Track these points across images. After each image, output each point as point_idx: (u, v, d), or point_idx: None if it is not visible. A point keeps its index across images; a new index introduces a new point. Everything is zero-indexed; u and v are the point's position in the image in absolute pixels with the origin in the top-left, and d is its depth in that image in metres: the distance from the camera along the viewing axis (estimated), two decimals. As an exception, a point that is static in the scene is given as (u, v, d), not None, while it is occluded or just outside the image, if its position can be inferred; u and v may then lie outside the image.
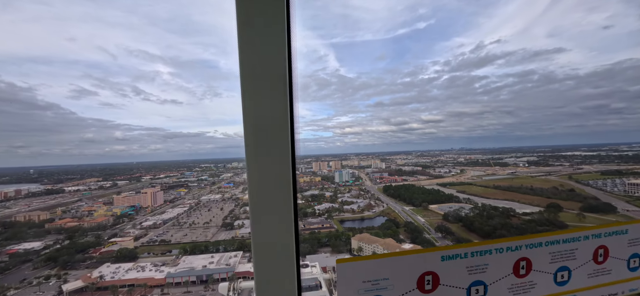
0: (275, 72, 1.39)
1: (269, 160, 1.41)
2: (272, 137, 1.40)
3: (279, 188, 1.42)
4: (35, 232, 54.52)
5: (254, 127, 1.39)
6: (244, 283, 12.09)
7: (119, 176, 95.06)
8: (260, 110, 1.39)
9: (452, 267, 1.65)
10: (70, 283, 41.94)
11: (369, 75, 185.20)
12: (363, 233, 56.95)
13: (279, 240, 1.46)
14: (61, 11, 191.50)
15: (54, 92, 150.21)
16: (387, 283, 1.54)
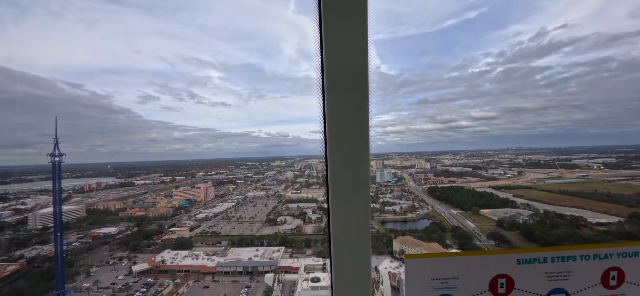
0: (357, 71, 1.41)
1: (351, 159, 1.44)
2: (354, 136, 1.43)
3: (358, 187, 1.46)
4: (111, 219, 63.12)
5: (339, 126, 1.42)
6: (288, 276, 12.53)
7: (177, 172, 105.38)
8: (344, 110, 1.42)
9: (530, 271, 1.55)
10: (138, 264, 47.74)
11: (412, 72, 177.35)
12: (406, 236, 54.90)
13: (356, 237, 1.50)
14: (131, 27, 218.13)
15: (126, 98, 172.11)
16: (457, 283, 1.51)
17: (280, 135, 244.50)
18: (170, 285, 42.33)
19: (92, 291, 40.72)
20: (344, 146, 1.45)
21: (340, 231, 1.51)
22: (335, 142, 1.44)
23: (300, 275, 11.61)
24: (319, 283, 10.99)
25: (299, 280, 11.31)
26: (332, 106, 1.43)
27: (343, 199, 1.48)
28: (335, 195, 1.49)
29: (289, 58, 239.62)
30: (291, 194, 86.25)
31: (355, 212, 1.50)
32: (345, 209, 1.49)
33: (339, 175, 1.47)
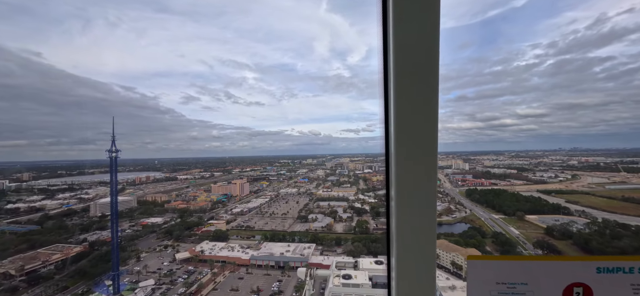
0: (427, 70, 1.37)
1: (418, 158, 1.40)
2: (421, 136, 1.40)
3: (424, 186, 1.42)
4: (158, 210, 68.74)
5: (406, 125, 1.39)
6: (320, 271, 12.66)
7: (215, 168, 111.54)
8: (413, 109, 1.39)
9: (612, 282, 1.39)
10: (180, 253, 51.44)
11: (449, 67, 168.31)
12: (440, 240, 52.42)
13: (421, 237, 1.45)
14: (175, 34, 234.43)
15: (171, 99, 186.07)
16: (526, 289, 1.40)
17: (312, 134, 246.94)
18: (208, 273, 44.98)
19: (141, 274, 44.73)
20: (411, 144, 1.41)
21: (404, 231, 1.46)
22: (402, 141, 1.41)
23: (331, 271, 11.65)
24: (351, 280, 10.92)
25: (330, 276, 11.36)
26: (400, 104, 1.40)
27: (408, 198, 1.44)
28: (401, 194, 1.44)
29: (321, 57, 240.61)
30: (322, 192, 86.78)
31: (420, 212, 1.45)
32: (411, 209, 1.45)
33: (405, 175, 1.42)
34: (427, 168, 1.42)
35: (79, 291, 39.54)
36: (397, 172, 1.42)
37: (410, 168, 1.42)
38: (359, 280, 11.06)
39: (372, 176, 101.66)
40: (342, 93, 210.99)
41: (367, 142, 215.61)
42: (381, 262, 12.97)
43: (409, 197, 1.44)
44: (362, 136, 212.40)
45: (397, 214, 1.46)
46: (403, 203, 1.44)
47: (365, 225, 60.61)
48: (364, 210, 69.87)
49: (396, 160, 1.42)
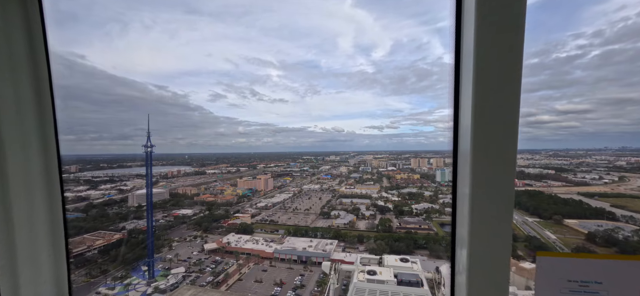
0: (511, 63, 1.31)
1: (497, 157, 1.34)
2: (501, 133, 1.34)
3: (502, 186, 1.36)
4: (188, 202, 72.36)
5: (485, 123, 1.34)
6: (344, 265, 12.70)
7: (241, 163, 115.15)
8: (494, 105, 1.33)
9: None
10: (208, 243, 53.87)
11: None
12: (469, 241, 50.26)
13: (495, 239, 1.39)
14: (204, 34, 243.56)
15: (199, 97, 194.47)
16: (600, 287, 1.34)
17: (335, 130, 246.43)
18: (234, 265, 46.73)
19: (173, 262, 47.45)
20: (490, 141, 1.35)
21: (478, 234, 1.40)
22: (480, 140, 1.35)
23: (356, 266, 11.66)
24: (375, 276, 10.88)
25: (354, 271, 11.37)
26: (480, 99, 1.34)
27: (485, 199, 1.38)
28: (476, 194, 1.38)
29: (345, 53, 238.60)
30: (345, 189, 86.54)
31: (497, 215, 1.38)
32: (486, 210, 1.38)
33: (482, 174, 1.37)
34: (506, 167, 1.35)
35: (119, 275, 42.80)
36: (474, 171, 1.37)
37: (488, 167, 1.36)
38: (383, 277, 10.97)
39: (396, 174, 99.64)
40: (366, 89, 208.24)
41: (391, 139, 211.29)
42: (406, 260, 12.72)
43: (486, 198, 1.37)
44: (386, 133, 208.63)
45: (472, 215, 1.40)
46: (478, 204, 1.38)
47: (388, 224, 59.71)
48: (387, 208, 68.79)
49: (473, 158, 1.37)
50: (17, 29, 1.59)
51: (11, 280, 1.55)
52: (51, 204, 1.77)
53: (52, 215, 1.78)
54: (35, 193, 1.68)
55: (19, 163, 1.60)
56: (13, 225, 1.53)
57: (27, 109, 1.64)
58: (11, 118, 1.57)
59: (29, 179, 1.65)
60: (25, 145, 1.64)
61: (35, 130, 1.69)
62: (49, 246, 1.75)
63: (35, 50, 1.66)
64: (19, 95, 1.61)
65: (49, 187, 1.76)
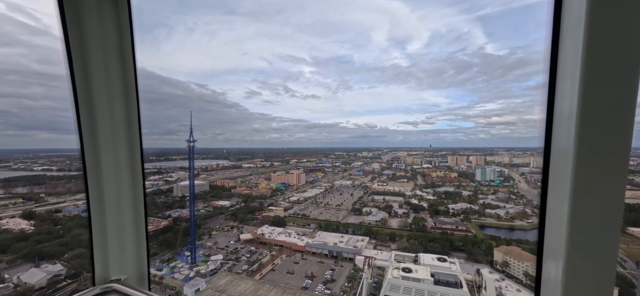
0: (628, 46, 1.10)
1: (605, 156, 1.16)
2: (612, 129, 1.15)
3: (609, 190, 1.18)
4: (226, 194, 76.66)
5: (594, 115, 1.16)
6: (378, 261, 12.60)
7: (274, 158, 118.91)
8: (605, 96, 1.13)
9: None
10: (244, 234, 56.67)
11: (529, 49, 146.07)
12: (511, 246, 46.86)
13: (598, 253, 1.22)
14: (241, 34, 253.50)
15: (236, 94, 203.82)
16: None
17: (368, 126, 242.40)
18: (267, 255, 48.65)
19: (212, 249, 50.79)
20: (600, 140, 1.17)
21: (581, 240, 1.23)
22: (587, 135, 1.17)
23: (390, 263, 11.53)
24: (411, 274, 10.68)
25: (389, 267, 11.26)
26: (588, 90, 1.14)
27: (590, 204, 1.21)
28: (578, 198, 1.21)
29: (379, 46, 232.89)
30: (377, 186, 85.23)
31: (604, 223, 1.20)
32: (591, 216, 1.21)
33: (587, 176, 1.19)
34: (616, 167, 1.16)
35: (166, 258, 47.00)
36: (576, 172, 1.20)
37: (595, 167, 1.17)
38: (419, 275, 10.71)
39: (432, 171, 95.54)
40: (400, 83, 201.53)
41: (426, 135, 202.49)
42: (444, 259, 12.26)
43: (589, 203, 1.19)
44: (421, 129, 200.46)
45: (571, 224, 1.22)
46: (579, 211, 1.20)
47: (422, 223, 57.71)
48: (422, 207, 66.45)
49: (577, 156, 1.18)
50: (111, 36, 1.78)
51: (103, 254, 1.92)
52: (135, 191, 2.04)
53: (135, 200, 2.05)
54: (122, 181, 1.96)
55: (110, 155, 1.89)
56: (104, 206, 1.89)
57: (118, 108, 1.89)
58: (105, 117, 1.83)
59: (117, 168, 1.93)
60: (114, 139, 1.91)
61: (123, 127, 1.94)
62: (132, 226, 2.04)
63: (125, 55, 1.87)
64: (111, 96, 1.85)
65: (133, 175, 2.03)
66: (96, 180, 1.89)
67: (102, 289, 1.77)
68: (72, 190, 66.02)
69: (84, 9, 1.64)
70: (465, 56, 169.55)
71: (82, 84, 1.73)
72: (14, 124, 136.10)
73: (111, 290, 1.77)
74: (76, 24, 1.64)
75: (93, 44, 1.71)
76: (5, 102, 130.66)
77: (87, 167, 1.86)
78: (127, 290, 1.74)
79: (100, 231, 1.94)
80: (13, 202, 55.31)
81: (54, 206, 56.31)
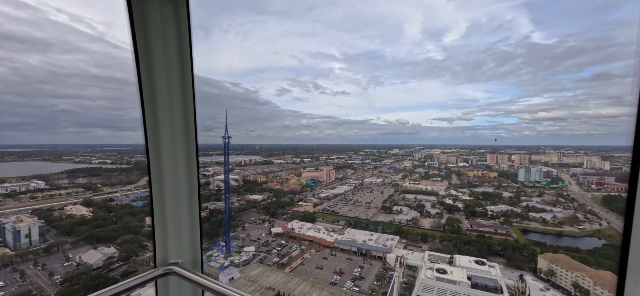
0: None
1: None
2: None
3: None
4: (258, 188, 79.51)
5: None
6: (410, 260, 12.26)
7: (304, 154, 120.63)
8: None
9: None
10: (275, 227, 58.46)
11: (583, 36, 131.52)
12: (559, 254, 42.89)
13: None
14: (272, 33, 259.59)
15: (268, 92, 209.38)
16: None
17: (399, 123, 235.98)
18: (297, 249, 49.71)
19: (245, 241, 53.09)
20: None
21: None
22: None
23: (423, 263, 11.18)
24: (446, 275, 10.29)
25: (421, 267, 10.92)
26: None
27: None
28: None
29: (412, 40, 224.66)
30: (409, 184, 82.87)
31: None
32: None
33: None
34: None
35: (204, 247, 50.08)
36: None
37: None
38: (455, 277, 10.26)
39: (468, 170, 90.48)
40: (434, 78, 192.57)
41: (462, 131, 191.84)
42: (483, 262, 11.62)
43: None
44: (456, 125, 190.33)
45: None
46: None
47: (456, 224, 55.04)
48: (456, 207, 63.37)
49: None
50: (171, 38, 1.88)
51: (163, 239, 2.15)
52: (190, 183, 2.18)
53: (191, 192, 2.19)
54: (179, 174, 2.11)
55: (170, 150, 2.05)
56: (164, 197, 2.10)
57: (177, 107, 2.02)
58: (165, 115, 1.99)
59: (175, 163, 2.09)
60: (173, 135, 2.05)
61: (181, 124, 2.06)
62: (188, 215, 2.21)
63: (183, 56, 1.97)
64: (171, 96, 1.99)
65: (189, 169, 2.16)
66: (157, 173, 2.08)
67: (164, 270, 1.97)
68: (123, 181, 72.83)
69: (148, 14, 1.80)
70: (508, 46, 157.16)
71: (147, 85, 1.92)
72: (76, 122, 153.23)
73: (171, 272, 1.96)
74: (142, 29, 1.80)
75: (156, 47, 1.86)
76: (68, 102, 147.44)
77: (150, 161, 2.05)
78: (184, 272, 1.92)
79: (161, 219, 2.14)
80: (76, 190, 62.45)
81: (108, 195, 62.64)
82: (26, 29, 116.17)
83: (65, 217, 49.99)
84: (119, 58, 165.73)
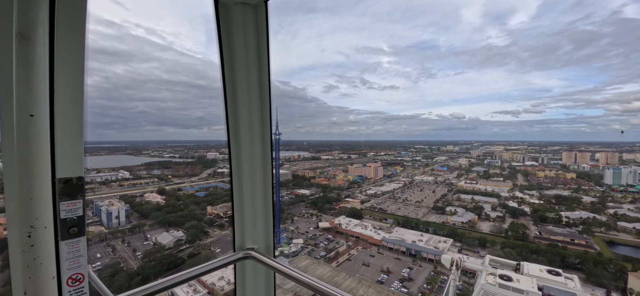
0: None
1: None
2: None
3: None
4: (306, 183, 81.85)
5: None
6: (468, 263, 11.32)
7: (351, 150, 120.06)
8: None
9: None
10: (322, 222, 59.54)
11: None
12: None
13: None
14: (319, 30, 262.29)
15: (315, 89, 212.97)
16: None
17: (454, 117, 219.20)
18: (343, 245, 49.98)
19: (294, 233, 55.24)
20: None
21: None
22: None
23: (483, 267, 10.26)
24: (511, 283, 9.33)
25: (482, 271, 10.05)
26: None
27: None
28: None
29: (470, 25, 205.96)
30: (464, 184, 76.79)
31: None
32: None
33: None
34: None
35: (256, 237, 53.57)
36: None
37: None
38: (522, 286, 9.24)
39: (538, 170, 79.96)
40: (496, 66, 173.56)
41: (531, 126, 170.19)
42: (558, 273, 10.30)
43: None
44: (523, 119, 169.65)
45: None
46: None
47: (522, 230, 49.21)
48: (522, 211, 56.63)
49: None
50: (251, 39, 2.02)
51: (240, 226, 2.43)
52: (265, 176, 2.38)
53: (265, 183, 2.38)
54: (255, 167, 2.32)
55: (248, 145, 2.27)
56: (242, 187, 2.39)
57: (255, 104, 2.20)
58: (244, 112, 2.18)
59: (252, 156, 2.29)
60: (252, 131, 2.25)
61: (258, 120, 2.24)
62: (262, 205, 2.39)
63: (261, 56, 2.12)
64: (250, 94, 2.17)
65: (264, 162, 2.35)
66: (237, 165, 2.35)
67: (243, 254, 2.24)
68: (189, 173, 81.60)
69: (232, 18, 1.99)
70: (591, 25, 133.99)
71: (229, 84, 2.17)
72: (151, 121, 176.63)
73: (250, 256, 2.22)
74: (226, 33, 2.04)
75: (238, 49, 2.05)
76: (146, 104, 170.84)
77: (231, 154, 2.34)
78: (261, 256, 2.16)
79: (239, 208, 2.41)
80: (152, 180, 72.07)
81: (177, 185, 70.91)
82: (114, 44, 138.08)
83: (144, 203, 58.05)
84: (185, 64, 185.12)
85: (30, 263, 0.98)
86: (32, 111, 0.94)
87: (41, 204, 0.98)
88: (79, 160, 1.25)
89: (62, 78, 1.14)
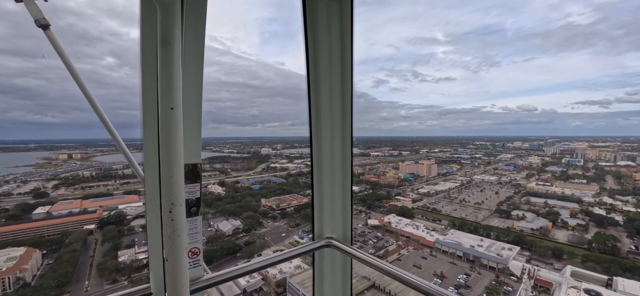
0: None
1: None
2: None
3: None
4: (355, 180, 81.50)
5: None
6: (544, 272, 9.95)
7: (403, 147, 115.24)
8: None
9: None
10: (371, 219, 58.71)
11: None
12: None
13: None
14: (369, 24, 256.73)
15: (365, 85, 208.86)
16: None
17: (522, 110, 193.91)
18: (393, 244, 48.62)
19: (342, 229, 55.70)
20: None
21: None
22: None
23: (563, 279, 8.89)
24: None
25: (561, 284, 8.73)
26: None
27: None
28: None
29: (546, 2, 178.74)
30: (536, 185, 67.81)
31: None
32: None
33: None
34: None
35: (306, 229, 55.58)
36: None
37: None
38: None
39: (634, 171, 66.26)
40: (577, 49, 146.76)
41: (626, 118, 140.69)
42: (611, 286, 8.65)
43: None
44: (615, 110, 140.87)
45: None
46: None
47: (611, 242, 41.48)
48: (612, 220, 47.68)
49: None
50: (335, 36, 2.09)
51: (320, 216, 2.61)
52: (344, 168, 2.53)
53: (344, 176, 2.54)
54: (335, 160, 2.49)
55: (328, 139, 2.43)
56: (322, 179, 2.54)
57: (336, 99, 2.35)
58: (326, 107, 2.34)
59: (332, 150, 2.44)
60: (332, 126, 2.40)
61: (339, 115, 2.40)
62: (340, 196, 2.56)
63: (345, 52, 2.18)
64: (331, 89, 2.31)
65: (343, 156, 2.49)
66: (317, 158, 2.52)
67: (325, 242, 2.43)
68: (245, 167, 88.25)
69: (317, 14, 2.09)
70: None
71: (313, 79, 2.33)
72: (213, 119, 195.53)
73: (330, 244, 2.40)
74: (312, 28, 2.12)
75: (322, 45, 2.15)
76: (210, 104, 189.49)
77: (313, 148, 2.52)
78: (340, 245, 2.34)
79: (319, 199, 2.60)
80: (214, 173, 79.89)
81: (235, 178, 77.31)
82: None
83: (208, 193, 64.63)
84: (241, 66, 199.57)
85: (171, 235, 1.10)
86: (172, 105, 1.04)
87: (178, 185, 1.09)
88: (198, 148, 1.58)
89: (188, 76, 1.47)
